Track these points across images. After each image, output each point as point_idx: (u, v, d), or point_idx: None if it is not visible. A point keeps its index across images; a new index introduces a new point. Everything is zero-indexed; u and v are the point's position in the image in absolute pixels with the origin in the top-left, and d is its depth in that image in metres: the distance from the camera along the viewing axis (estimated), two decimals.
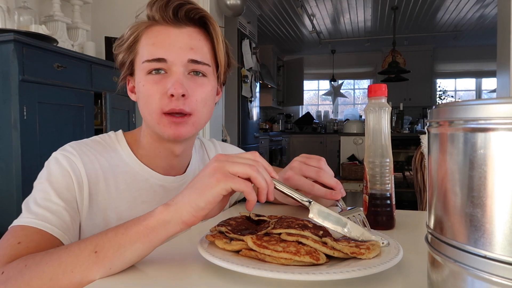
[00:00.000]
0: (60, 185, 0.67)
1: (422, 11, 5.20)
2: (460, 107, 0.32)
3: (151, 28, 0.72)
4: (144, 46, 0.72)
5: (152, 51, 0.71)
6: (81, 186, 0.69)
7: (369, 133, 0.74)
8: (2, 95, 1.69)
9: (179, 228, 0.52)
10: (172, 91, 0.68)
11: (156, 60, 0.70)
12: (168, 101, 0.69)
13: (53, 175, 0.67)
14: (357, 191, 3.54)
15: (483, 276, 0.29)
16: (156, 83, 0.70)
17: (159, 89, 0.70)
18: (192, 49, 0.72)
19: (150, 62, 0.70)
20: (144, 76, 0.71)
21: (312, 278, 0.44)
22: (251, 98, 4.79)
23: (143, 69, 0.71)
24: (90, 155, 0.73)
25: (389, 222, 0.73)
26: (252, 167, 0.53)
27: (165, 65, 0.70)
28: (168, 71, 0.71)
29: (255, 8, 4.97)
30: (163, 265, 0.54)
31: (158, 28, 0.72)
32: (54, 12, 2.34)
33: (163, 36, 0.71)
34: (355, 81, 7.89)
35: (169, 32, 0.71)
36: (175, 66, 0.70)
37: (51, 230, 0.61)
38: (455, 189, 0.32)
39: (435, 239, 0.35)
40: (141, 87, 0.72)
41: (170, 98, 0.69)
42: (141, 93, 0.72)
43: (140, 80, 0.72)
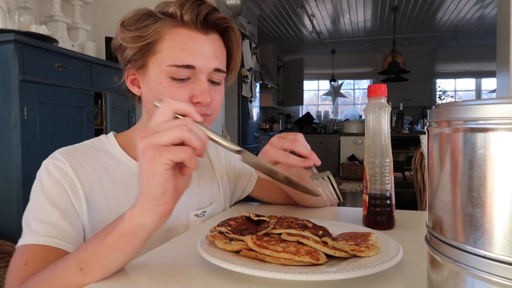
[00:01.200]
0: (54, 196, 0.67)
1: (422, 11, 5.20)
2: (460, 107, 0.32)
3: (177, 29, 0.70)
4: (169, 48, 0.70)
5: (181, 56, 0.69)
6: (75, 191, 0.69)
7: (369, 133, 0.74)
8: (3, 95, 1.69)
9: (157, 223, 0.50)
10: (201, 99, 0.70)
11: (185, 67, 0.69)
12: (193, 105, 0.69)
13: (46, 187, 0.67)
14: (357, 191, 3.54)
15: (483, 276, 0.29)
16: (181, 88, 0.70)
17: (183, 94, 0.70)
18: (217, 58, 0.73)
19: (179, 68, 0.69)
20: (166, 78, 0.70)
21: (312, 278, 0.44)
22: (251, 98, 4.79)
23: (166, 72, 0.70)
24: (79, 160, 0.72)
25: (389, 222, 0.73)
26: (181, 128, 0.47)
27: (192, 72, 0.70)
28: (193, 77, 0.71)
29: (255, 8, 4.97)
30: (163, 266, 0.54)
31: (186, 32, 0.70)
32: (54, 12, 2.34)
33: (192, 42, 0.70)
34: (355, 81, 7.89)
35: (198, 39, 0.71)
36: (202, 74, 0.71)
37: (53, 243, 0.62)
38: (455, 189, 0.32)
39: (435, 239, 0.35)
40: (161, 88, 0.70)
41: (195, 104, 0.70)
42: (161, 94, 0.70)
43: (159, 81, 0.70)
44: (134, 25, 0.70)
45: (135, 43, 0.70)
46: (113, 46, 0.75)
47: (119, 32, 0.72)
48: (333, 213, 0.92)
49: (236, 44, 0.78)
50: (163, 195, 0.48)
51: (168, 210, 0.50)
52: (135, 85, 0.77)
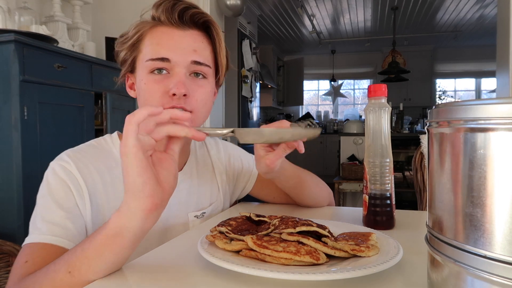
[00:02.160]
0: (60, 196, 0.68)
1: (422, 11, 5.20)
2: (460, 107, 0.32)
3: (156, 28, 0.74)
4: (148, 45, 0.74)
5: (157, 50, 0.72)
6: (80, 192, 0.70)
7: (369, 133, 0.74)
8: (3, 95, 1.69)
9: (143, 221, 0.49)
10: (175, 91, 0.70)
11: (160, 60, 0.72)
12: (170, 99, 0.71)
13: (52, 188, 0.69)
14: (357, 191, 3.54)
15: (483, 275, 0.29)
16: (158, 82, 0.72)
17: (161, 88, 0.72)
18: (195, 51, 0.74)
19: (153, 61, 0.72)
20: (146, 74, 0.73)
21: (312, 278, 0.44)
22: (251, 98, 4.79)
23: (145, 67, 0.73)
24: (85, 160, 0.74)
25: (389, 222, 0.73)
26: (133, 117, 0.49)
27: (168, 65, 0.72)
28: (171, 71, 0.73)
29: (255, 8, 4.97)
30: (163, 265, 0.54)
31: (163, 29, 0.74)
32: (54, 13, 2.34)
33: (167, 37, 0.73)
34: (355, 81, 7.89)
35: (174, 34, 0.74)
36: (178, 66, 0.72)
37: (55, 241, 0.63)
38: (455, 189, 0.32)
39: (435, 239, 0.35)
40: (142, 85, 0.73)
41: (171, 97, 0.71)
42: (142, 91, 0.74)
43: (142, 78, 0.74)
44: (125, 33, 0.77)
45: (122, 45, 0.77)
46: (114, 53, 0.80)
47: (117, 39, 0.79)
48: (333, 213, 0.92)
49: (217, 38, 0.78)
50: (144, 186, 0.48)
51: (154, 205, 0.49)
52: (132, 89, 0.80)
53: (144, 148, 0.49)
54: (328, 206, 0.97)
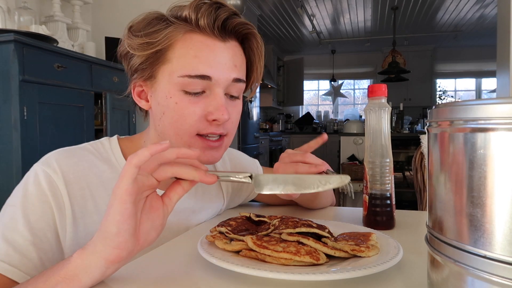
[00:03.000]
0: (34, 212, 0.59)
1: (422, 11, 5.20)
2: (460, 107, 0.32)
3: (191, 35, 0.62)
4: (181, 57, 0.61)
5: (195, 65, 0.61)
6: (62, 210, 0.61)
7: (369, 133, 0.74)
8: (3, 95, 1.69)
9: (103, 269, 0.44)
10: (218, 117, 0.61)
11: (199, 77, 0.61)
12: (207, 124, 0.63)
13: (29, 199, 0.59)
14: (357, 191, 3.54)
15: (483, 276, 0.29)
16: (194, 104, 0.62)
17: (198, 111, 0.62)
18: (235, 67, 0.64)
19: (192, 79, 0.61)
20: (178, 91, 0.62)
21: (312, 278, 0.44)
22: (251, 98, 4.79)
23: (178, 84, 0.62)
24: (77, 170, 0.64)
25: (389, 222, 0.73)
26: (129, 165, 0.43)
27: (208, 84, 0.62)
28: (208, 91, 0.63)
29: (255, 8, 4.97)
30: (163, 266, 0.54)
31: (200, 38, 0.62)
32: (54, 13, 2.34)
33: (207, 50, 0.62)
34: (355, 81, 7.89)
35: (214, 46, 0.62)
36: (218, 86, 0.63)
37: (8, 272, 0.54)
38: (455, 189, 0.32)
39: (435, 239, 0.35)
40: (171, 103, 0.62)
41: (210, 122, 0.62)
42: (171, 111, 0.63)
43: (171, 94, 0.62)
44: (143, 30, 0.62)
45: (143, 50, 0.62)
46: (119, 53, 0.67)
47: (126, 38, 0.64)
48: (333, 213, 0.92)
49: (258, 53, 0.69)
50: (116, 236, 0.43)
51: (118, 257, 0.44)
52: (142, 98, 0.68)
53: (141, 190, 0.44)
54: (329, 207, 0.97)
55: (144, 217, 0.46)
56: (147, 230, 0.46)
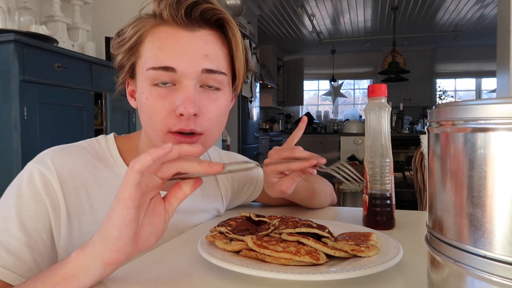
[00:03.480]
0: (28, 214, 0.58)
1: (422, 11, 5.20)
2: (460, 107, 0.32)
3: (158, 28, 0.61)
4: (149, 50, 0.61)
5: (159, 56, 0.59)
6: (57, 210, 0.60)
7: (369, 133, 0.74)
8: (3, 95, 1.69)
9: (101, 270, 0.44)
10: (182, 111, 0.58)
11: (163, 69, 0.59)
12: (177, 120, 0.60)
13: (23, 200, 0.58)
14: (357, 191, 3.54)
15: (483, 276, 0.29)
16: (162, 98, 0.60)
17: (165, 105, 0.60)
18: (206, 56, 0.61)
19: (156, 70, 0.59)
20: (148, 86, 0.61)
21: (312, 278, 0.44)
22: (251, 98, 4.79)
23: (146, 78, 0.61)
24: (72, 168, 0.63)
25: (389, 222, 0.73)
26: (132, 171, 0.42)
27: (174, 76, 0.60)
28: (177, 84, 0.60)
29: (255, 8, 4.97)
30: (163, 266, 0.54)
31: (166, 29, 0.61)
32: (54, 13, 2.34)
33: (172, 40, 0.60)
34: (355, 81, 7.89)
35: (180, 36, 0.60)
36: (186, 78, 0.60)
37: (4, 276, 0.53)
38: (455, 189, 0.32)
39: (435, 239, 0.35)
40: (143, 99, 0.61)
41: (178, 117, 0.59)
42: (144, 106, 0.62)
43: (143, 90, 0.62)
44: (121, 31, 0.65)
45: (118, 48, 0.64)
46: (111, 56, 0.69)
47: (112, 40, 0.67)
48: (333, 213, 0.92)
49: (233, 39, 0.64)
50: (116, 240, 0.42)
51: (117, 260, 0.44)
52: (133, 97, 0.68)
53: (144, 193, 0.44)
54: (328, 207, 0.97)
55: (147, 220, 0.46)
56: (148, 234, 0.46)
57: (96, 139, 0.71)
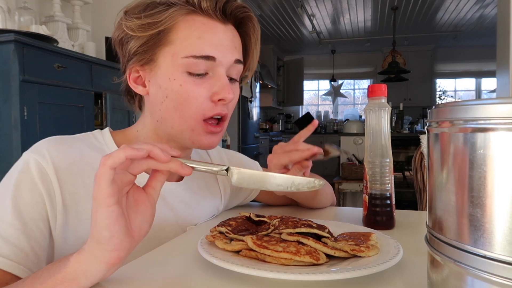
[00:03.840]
0: (24, 202, 0.58)
1: (422, 11, 5.20)
2: (460, 107, 0.32)
3: (193, 17, 0.63)
4: (185, 38, 0.62)
5: (199, 46, 0.62)
6: (52, 198, 0.60)
7: (369, 133, 0.74)
8: (3, 95, 1.69)
9: (105, 272, 0.44)
10: (225, 96, 0.62)
11: (204, 58, 0.62)
12: (213, 105, 0.63)
13: (19, 188, 0.58)
14: (357, 191, 3.54)
15: (483, 276, 0.29)
16: (199, 85, 0.63)
17: (203, 92, 0.63)
18: (235, 48, 0.66)
19: (197, 59, 0.61)
20: (181, 73, 0.62)
21: (312, 278, 0.44)
22: (251, 98, 4.79)
23: (182, 65, 0.62)
24: (67, 157, 0.63)
25: (389, 222, 0.73)
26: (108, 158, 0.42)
27: (211, 65, 0.63)
28: (211, 72, 0.64)
29: (255, 8, 4.97)
30: (163, 266, 0.54)
31: (202, 20, 0.63)
32: (54, 13, 2.34)
33: (210, 31, 0.63)
34: (355, 81, 7.89)
35: (216, 28, 0.63)
36: (221, 67, 0.64)
37: (2, 264, 0.53)
38: (455, 189, 0.32)
39: (435, 239, 0.35)
40: (175, 86, 0.62)
41: (216, 102, 0.63)
42: (175, 93, 0.63)
43: (174, 76, 0.62)
44: (143, 12, 0.62)
45: (144, 31, 0.62)
46: (114, 38, 0.67)
47: (124, 21, 0.63)
48: (333, 213, 0.92)
49: (254, 37, 0.70)
50: (110, 239, 0.42)
51: (119, 259, 0.44)
52: (139, 84, 0.68)
53: (120, 188, 0.43)
54: (329, 207, 0.97)
55: (132, 213, 0.46)
56: (139, 224, 0.46)
57: (92, 133, 0.72)
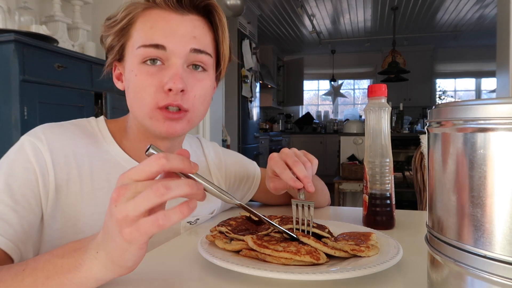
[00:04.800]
0: (17, 179, 0.59)
1: (422, 11, 5.20)
2: (460, 107, 0.32)
3: (149, 11, 0.66)
4: (139, 30, 0.65)
5: (150, 35, 0.64)
6: (45, 177, 0.62)
7: (369, 133, 0.74)
8: (3, 95, 1.69)
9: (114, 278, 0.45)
10: (171, 86, 0.62)
11: (154, 46, 0.63)
12: (165, 95, 0.64)
13: (13, 166, 0.61)
14: (357, 191, 3.54)
15: (483, 276, 0.29)
16: (152, 75, 0.64)
17: (155, 81, 0.64)
18: (194, 38, 0.66)
19: (146, 48, 0.63)
20: (137, 64, 0.65)
21: (312, 278, 0.44)
22: (251, 98, 4.79)
23: (136, 56, 0.65)
24: (62, 139, 0.66)
25: (389, 222, 0.73)
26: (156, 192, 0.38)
27: (164, 54, 0.64)
28: (166, 62, 0.65)
29: (255, 8, 4.97)
30: (163, 265, 0.54)
31: (158, 12, 0.66)
32: (54, 12, 2.34)
33: (163, 21, 0.65)
34: (355, 81, 7.89)
35: (171, 18, 0.65)
36: (175, 56, 0.64)
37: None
38: (455, 189, 0.32)
39: (435, 239, 0.35)
40: (132, 77, 0.65)
41: (167, 92, 0.63)
42: (132, 84, 0.66)
43: (132, 68, 0.65)
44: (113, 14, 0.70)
45: (110, 29, 0.68)
46: (100, 37, 0.72)
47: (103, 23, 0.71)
48: (333, 213, 0.92)
49: (220, 25, 0.70)
50: (132, 267, 0.43)
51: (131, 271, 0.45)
52: (120, 80, 0.73)
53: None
54: (329, 206, 0.97)
55: None
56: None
57: (86, 119, 0.75)
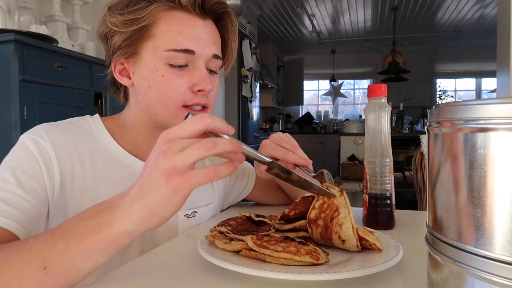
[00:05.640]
0: (24, 173, 0.60)
1: (422, 11, 5.20)
2: (460, 107, 0.32)
3: (173, 12, 0.67)
4: (165, 32, 0.66)
5: (179, 40, 0.66)
6: (51, 172, 0.63)
7: (369, 133, 0.74)
8: (3, 95, 1.69)
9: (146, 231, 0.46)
10: (203, 87, 0.67)
11: (184, 51, 0.66)
12: (193, 95, 0.68)
13: (18, 162, 0.61)
14: (357, 191, 3.54)
15: (483, 276, 0.29)
16: (179, 76, 0.67)
17: (183, 82, 0.67)
18: (215, 44, 0.71)
19: (177, 52, 0.66)
20: (163, 65, 0.67)
21: (312, 278, 0.44)
22: (251, 98, 4.79)
23: (163, 58, 0.67)
24: (63, 136, 0.67)
25: (389, 222, 0.73)
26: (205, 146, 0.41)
27: (191, 58, 0.68)
28: (191, 64, 0.69)
29: (255, 8, 4.97)
30: (163, 265, 0.54)
31: (183, 15, 0.68)
32: (54, 12, 2.34)
33: (190, 26, 0.68)
34: (355, 81, 7.89)
35: (196, 23, 0.68)
36: (200, 60, 0.68)
37: (6, 225, 0.54)
38: (455, 189, 0.32)
39: (435, 239, 0.35)
40: (158, 77, 0.67)
41: (195, 92, 0.68)
42: (157, 83, 0.67)
43: (156, 68, 0.67)
44: (126, 9, 0.66)
45: (127, 27, 0.66)
46: (99, 33, 0.71)
47: (107, 17, 0.67)
48: None
49: (232, 31, 0.75)
50: (168, 217, 0.45)
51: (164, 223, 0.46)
52: (124, 76, 0.72)
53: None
54: None
55: None
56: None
57: (82, 118, 0.76)
